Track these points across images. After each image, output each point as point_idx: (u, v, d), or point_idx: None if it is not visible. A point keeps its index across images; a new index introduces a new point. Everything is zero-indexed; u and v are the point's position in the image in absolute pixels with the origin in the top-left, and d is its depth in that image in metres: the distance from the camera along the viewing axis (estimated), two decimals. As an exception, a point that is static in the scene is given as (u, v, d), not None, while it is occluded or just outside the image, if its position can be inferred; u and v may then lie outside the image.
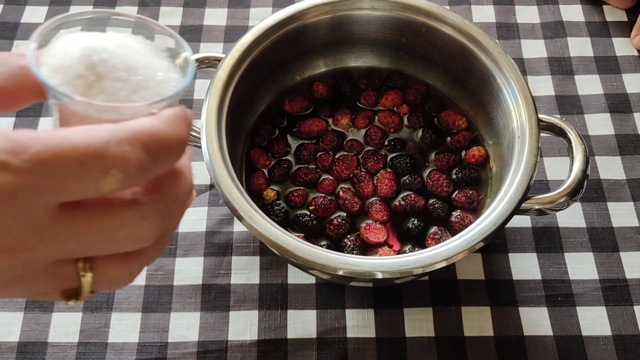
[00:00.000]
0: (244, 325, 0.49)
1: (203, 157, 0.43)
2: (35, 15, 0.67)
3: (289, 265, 0.51)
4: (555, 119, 0.47)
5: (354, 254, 0.46)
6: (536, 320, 0.49)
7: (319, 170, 0.51)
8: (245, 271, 0.51)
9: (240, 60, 0.48)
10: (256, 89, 0.53)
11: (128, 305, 0.49)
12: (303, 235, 0.48)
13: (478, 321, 0.49)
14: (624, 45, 0.65)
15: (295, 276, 0.51)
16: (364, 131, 0.54)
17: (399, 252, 0.48)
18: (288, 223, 0.49)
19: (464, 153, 0.52)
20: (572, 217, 0.54)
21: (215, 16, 0.67)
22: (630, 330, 0.49)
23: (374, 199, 0.50)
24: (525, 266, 0.51)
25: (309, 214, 0.49)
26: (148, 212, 0.22)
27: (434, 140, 0.53)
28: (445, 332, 0.48)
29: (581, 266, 0.52)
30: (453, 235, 0.44)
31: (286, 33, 0.51)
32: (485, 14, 0.67)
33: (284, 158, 0.52)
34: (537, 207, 0.43)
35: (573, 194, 0.43)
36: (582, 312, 0.49)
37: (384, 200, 0.50)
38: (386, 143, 0.53)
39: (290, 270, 0.51)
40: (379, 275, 0.39)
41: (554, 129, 0.47)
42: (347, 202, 0.49)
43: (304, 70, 0.56)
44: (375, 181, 0.51)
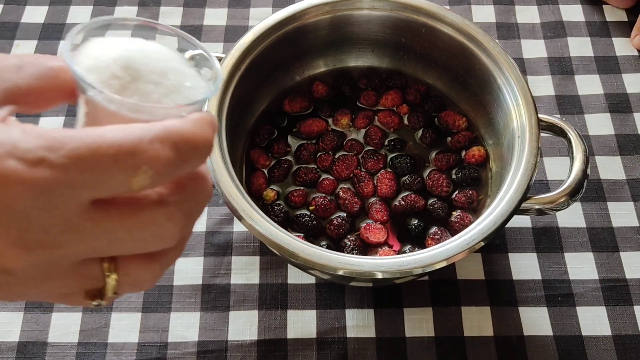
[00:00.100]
0: (243, 325, 0.49)
1: (203, 157, 0.43)
2: (35, 15, 0.67)
3: (289, 265, 0.51)
4: (555, 119, 0.47)
5: (354, 254, 0.46)
6: (536, 320, 0.49)
7: (319, 170, 0.51)
8: (245, 271, 0.51)
9: (240, 60, 0.48)
10: (256, 89, 0.53)
11: (128, 305, 0.49)
12: (303, 235, 0.48)
13: (478, 321, 0.49)
14: (624, 45, 0.65)
15: (295, 276, 0.51)
16: (364, 131, 0.54)
17: (399, 252, 0.48)
18: (288, 223, 0.49)
19: (464, 153, 0.52)
20: (572, 217, 0.54)
21: (215, 16, 0.67)
22: (630, 330, 0.49)
23: (374, 199, 0.50)
24: (525, 266, 0.51)
25: (309, 214, 0.49)
26: (174, 212, 0.23)
27: (434, 140, 0.53)
28: (445, 332, 0.48)
29: (581, 266, 0.52)
30: (453, 235, 0.44)
31: (286, 33, 0.51)
32: (485, 14, 0.67)
33: (284, 158, 0.52)
34: (537, 207, 0.43)
35: (573, 194, 0.43)
36: (582, 312, 0.49)
37: (384, 200, 0.50)
38: (386, 143, 0.53)
39: (290, 270, 0.51)
40: (379, 275, 0.39)
41: (554, 129, 0.47)
42: (347, 202, 0.49)
43: (304, 70, 0.56)
44: (375, 181, 0.51)
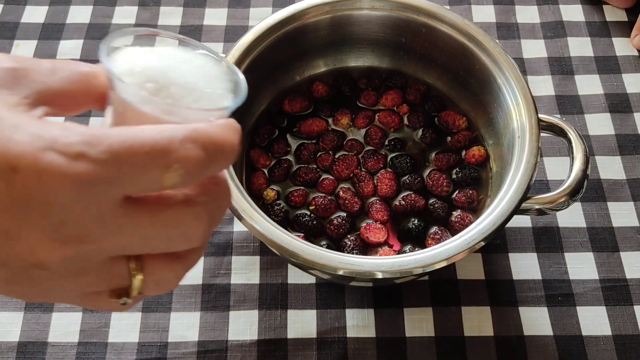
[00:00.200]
0: (244, 325, 0.49)
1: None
2: (35, 15, 0.67)
3: (289, 265, 0.51)
4: (555, 119, 0.47)
5: (354, 253, 0.46)
6: (536, 320, 0.49)
7: (319, 170, 0.51)
8: (245, 271, 0.51)
9: (240, 60, 0.48)
10: (256, 89, 0.53)
11: (128, 305, 0.49)
12: (303, 235, 0.48)
13: (478, 321, 0.49)
14: (624, 45, 0.65)
15: (295, 276, 0.51)
16: (364, 131, 0.54)
17: (399, 252, 0.48)
18: (288, 223, 0.49)
19: (464, 153, 0.52)
20: (572, 217, 0.54)
21: (215, 16, 0.67)
22: (630, 330, 0.49)
23: (374, 199, 0.50)
24: (525, 266, 0.51)
25: (309, 213, 0.49)
26: (200, 213, 0.23)
27: (434, 140, 0.53)
28: (445, 332, 0.48)
29: (581, 266, 0.52)
30: (453, 235, 0.44)
31: (286, 33, 0.51)
32: (485, 14, 0.67)
33: (284, 158, 0.52)
34: (537, 207, 0.43)
35: (573, 194, 0.43)
36: (582, 312, 0.49)
37: (384, 200, 0.50)
38: (386, 143, 0.53)
39: (290, 270, 0.51)
40: (379, 275, 0.39)
41: (554, 129, 0.47)
42: (347, 202, 0.49)
43: (304, 70, 0.56)
44: (376, 181, 0.51)
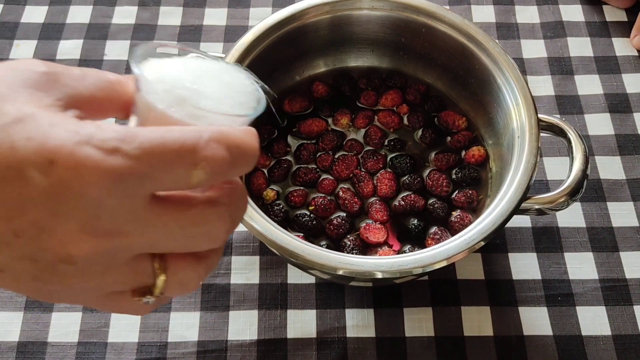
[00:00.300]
0: (243, 325, 0.49)
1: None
2: (35, 15, 0.66)
3: (289, 265, 0.51)
4: (555, 119, 0.47)
5: (353, 253, 0.46)
6: (536, 320, 0.49)
7: (318, 170, 0.51)
8: (245, 271, 0.51)
9: (240, 60, 0.48)
10: (256, 88, 0.53)
11: (128, 305, 0.49)
12: (303, 235, 0.48)
13: (478, 321, 0.49)
14: (624, 45, 0.65)
15: (295, 276, 0.51)
16: (363, 131, 0.54)
17: (399, 252, 0.48)
18: (288, 223, 0.49)
19: (463, 153, 0.52)
20: (572, 217, 0.54)
21: (215, 16, 0.67)
22: (630, 330, 0.49)
23: (373, 199, 0.50)
24: (525, 266, 0.51)
25: (308, 214, 0.49)
26: (223, 213, 0.24)
27: (434, 140, 0.53)
28: (445, 332, 0.48)
29: (581, 266, 0.52)
30: (453, 235, 0.44)
31: (286, 33, 0.51)
32: (485, 14, 0.67)
33: (284, 158, 0.52)
34: (537, 207, 0.43)
35: (573, 194, 0.43)
36: (582, 312, 0.49)
37: (383, 200, 0.50)
38: (386, 143, 0.53)
39: (290, 270, 0.51)
40: (379, 275, 0.39)
41: (553, 129, 0.47)
42: (347, 202, 0.49)
43: (304, 70, 0.56)
44: (375, 181, 0.51)
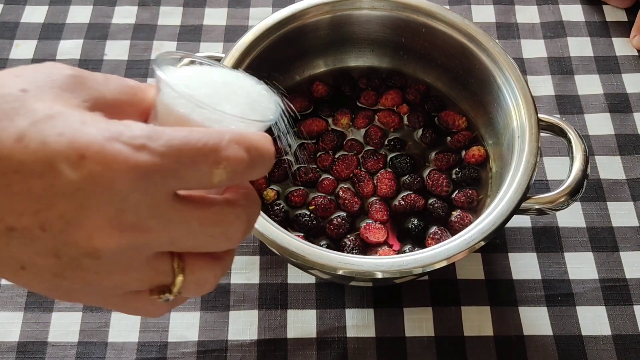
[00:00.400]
0: (243, 325, 0.49)
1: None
2: (35, 14, 0.67)
3: (289, 265, 0.51)
4: (555, 119, 0.47)
5: (353, 253, 0.46)
6: (536, 320, 0.49)
7: (319, 170, 0.51)
8: (245, 271, 0.51)
9: (240, 60, 0.48)
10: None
11: (128, 305, 0.49)
12: (303, 235, 0.48)
13: (478, 321, 0.49)
14: (624, 45, 0.65)
15: (295, 276, 0.51)
16: (363, 131, 0.54)
17: (399, 252, 0.48)
18: (288, 223, 0.49)
19: (464, 153, 0.52)
20: (572, 217, 0.54)
21: (215, 16, 0.67)
22: (630, 330, 0.49)
23: (373, 199, 0.50)
24: (525, 266, 0.51)
25: (309, 213, 0.49)
26: (241, 213, 0.24)
27: (434, 139, 0.53)
28: (445, 332, 0.48)
29: (581, 266, 0.52)
30: (453, 235, 0.44)
31: (286, 33, 0.51)
32: (485, 14, 0.67)
33: (284, 158, 0.52)
34: (537, 207, 0.43)
35: (573, 194, 0.43)
36: (582, 312, 0.49)
37: (383, 200, 0.50)
38: (386, 143, 0.53)
39: (290, 270, 0.51)
40: (379, 275, 0.39)
41: (553, 129, 0.47)
42: (347, 202, 0.49)
43: (304, 70, 0.56)
44: (375, 181, 0.51)
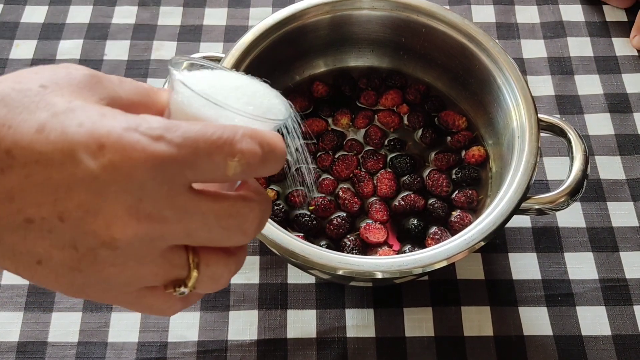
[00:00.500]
0: (243, 325, 0.49)
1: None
2: (35, 14, 0.66)
3: (289, 265, 0.51)
4: (555, 119, 0.47)
5: (353, 253, 0.46)
6: (536, 320, 0.49)
7: (318, 170, 0.51)
8: (245, 271, 0.51)
9: (240, 60, 0.48)
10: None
11: (128, 305, 0.49)
12: (303, 235, 0.48)
13: (478, 321, 0.49)
14: (624, 45, 0.65)
15: (295, 276, 0.51)
16: (363, 131, 0.54)
17: (399, 252, 0.48)
18: (288, 223, 0.49)
19: (463, 153, 0.52)
20: (572, 217, 0.54)
21: (215, 16, 0.67)
22: (630, 330, 0.49)
23: (373, 199, 0.50)
24: (525, 266, 0.51)
25: (308, 213, 0.49)
26: (255, 208, 0.25)
27: (434, 140, 0.53)
28: (445, 332, 0.48)
29: (581, 266, 0.52)
30: (453, 235, 0.44)
31: (286, 33, 0.51)
32: (485, 14, 0.67)
33: (290, 159, 0.52)
34: (537, 207, 0.43)
35: (573, 194, 0.43)
36: (582, 312, 0.49)
37: (383, 200, 0.50)
38: (386, 143, 0.53)
39: (290, 270, 0.51)
40: (379, 275, 0.39)
41: (553, 129, 0.47)
42: (347, 202, 0.49)
43: (304, 70, 0.56)
44: (375, 181, 0.51)
